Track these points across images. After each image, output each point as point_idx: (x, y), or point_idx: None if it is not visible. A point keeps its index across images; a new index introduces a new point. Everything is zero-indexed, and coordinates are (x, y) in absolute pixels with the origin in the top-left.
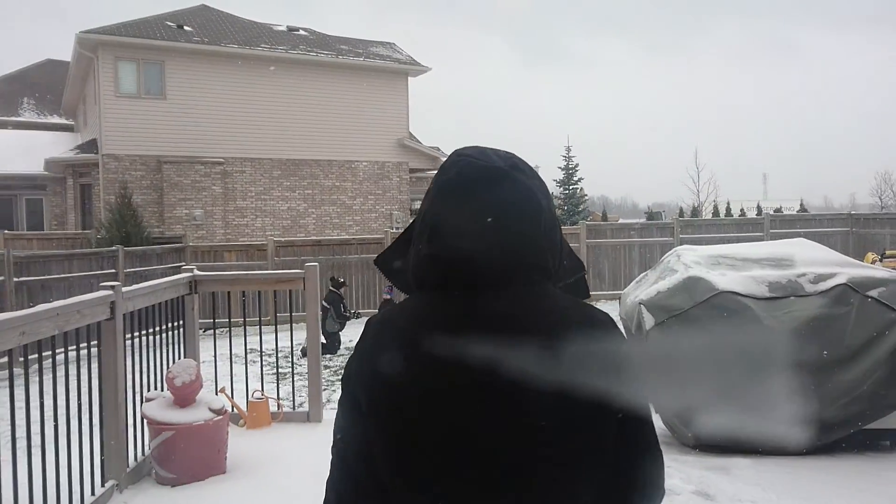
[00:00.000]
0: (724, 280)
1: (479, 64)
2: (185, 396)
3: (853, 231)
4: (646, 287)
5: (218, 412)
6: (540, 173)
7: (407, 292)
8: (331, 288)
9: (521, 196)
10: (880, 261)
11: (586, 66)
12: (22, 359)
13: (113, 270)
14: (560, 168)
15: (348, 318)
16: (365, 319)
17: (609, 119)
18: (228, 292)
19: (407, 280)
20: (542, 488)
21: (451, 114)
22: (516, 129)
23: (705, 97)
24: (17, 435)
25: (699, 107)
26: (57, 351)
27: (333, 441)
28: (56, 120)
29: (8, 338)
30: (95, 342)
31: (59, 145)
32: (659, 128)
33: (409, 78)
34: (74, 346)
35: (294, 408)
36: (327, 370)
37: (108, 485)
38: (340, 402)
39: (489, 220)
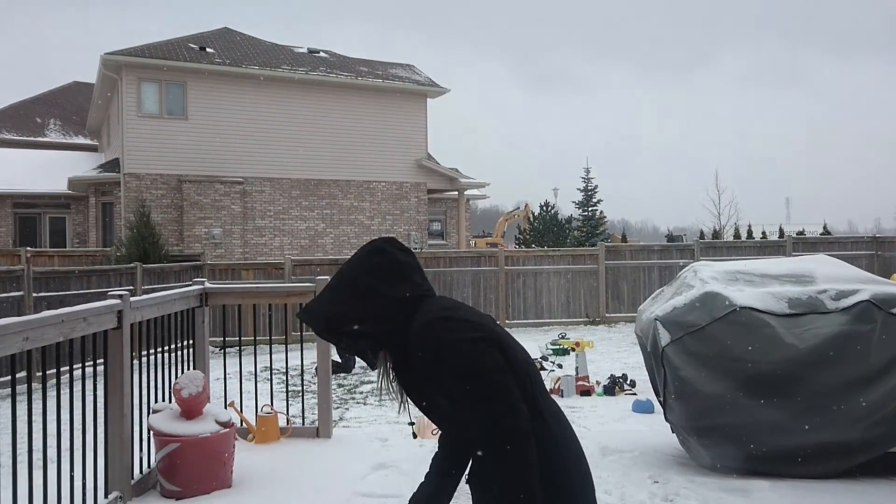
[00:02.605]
0: (743, 296)
1: (496, 88)
2: (191, 408)
3: (878, 254)
4: (661, 303)
5: (225, 425)
6: (559, 196)
7: (387, 330)
8: None
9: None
10: None
11: (605, 90)
12: (24, 373)
13: (130, 287)
14: (579, 189)
15: None
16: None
17: (630, 143)
18: (239, 307)
19: (380, 317)
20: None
21: (468, 136)
22: (534, 152)
23: (727, 121)
24: (22, 445)
25: (721, 131)
26: (65, 368)
27: (497, 379)
28: (81, 140)
29: (11, 342)
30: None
31: (82, 165)
32: (680, 152)
33: (428, 99)
34: (80, 365)
35: (304, 424)
36: (341, 388)
37: (111, 496)
38: (491, 356)
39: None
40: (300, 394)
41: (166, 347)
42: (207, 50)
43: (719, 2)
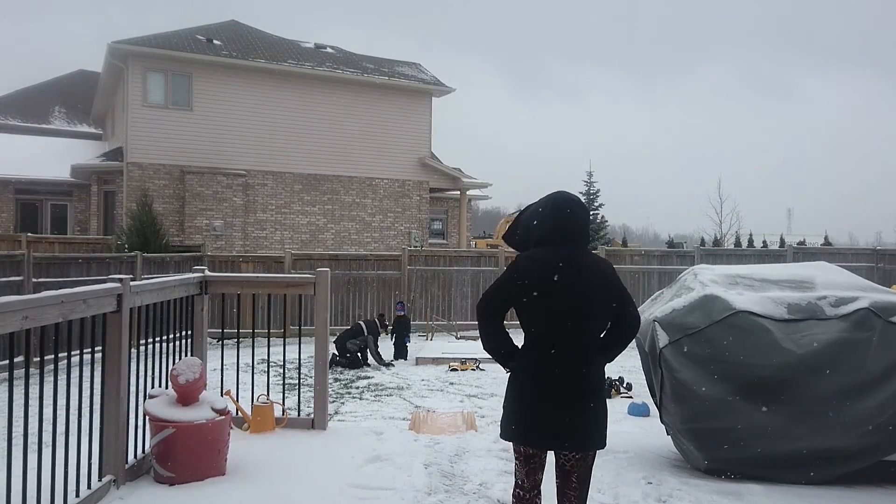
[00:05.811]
0: (742, 300)
1: (501, 90)
2: (188, 394)
3: (878, 266)
4: (661, 304)
5: (220, 412)
6: None
7: (522, 250)
8: (375, 318)
9: (584, 209)
10: None
11: (609, 97)
12: (22, 358)
13: (130, 276)
14: (581, 193)
15: (382, 361)
16: (395, 368)
17: (632, 150)
18: (239, 299)
19: (522, 244)
20: (589, 320)
21: (471, 136)
22: (536, 156)
23: (731, 131)
24: (17, 429)
25: (724, 141)
26: (64, 355)
27: (495, 286)
28: (85, 129)
29: (10, 321)
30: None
31: (86, 153)
32: (683, 160)
33: (433, 98)
34: (78, 351)
35: (299, 416)
36: (338, 382)
37: (104, 480)
38: (501, 289)
39: (575, 219)
40: (297, 386)
41: (164, 328)
42: (214, 42)
43: (726, 7)
